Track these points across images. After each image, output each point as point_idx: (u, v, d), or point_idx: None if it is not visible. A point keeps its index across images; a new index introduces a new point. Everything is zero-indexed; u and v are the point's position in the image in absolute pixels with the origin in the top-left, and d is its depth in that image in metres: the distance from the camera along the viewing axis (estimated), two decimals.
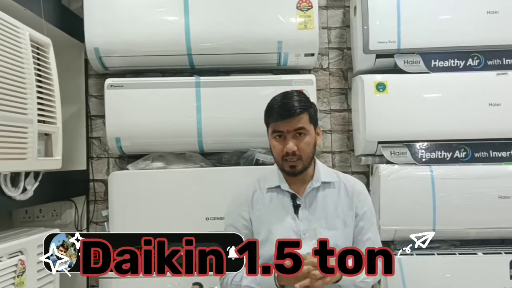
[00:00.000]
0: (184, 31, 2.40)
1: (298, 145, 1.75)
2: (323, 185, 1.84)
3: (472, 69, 2.50)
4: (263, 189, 1.87)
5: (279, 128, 1.75)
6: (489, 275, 2.36)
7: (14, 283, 1.66)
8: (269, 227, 1.80)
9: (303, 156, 1.76)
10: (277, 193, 1.85)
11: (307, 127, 1.76)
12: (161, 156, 2.48)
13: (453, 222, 2.39)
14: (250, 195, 1.88)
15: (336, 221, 1.81)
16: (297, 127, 1.74)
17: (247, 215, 1.85)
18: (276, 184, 1.85)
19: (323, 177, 1.85)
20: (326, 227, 1.79)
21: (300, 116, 1.74)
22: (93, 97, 2.72)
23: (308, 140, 1.77)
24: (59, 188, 2.36)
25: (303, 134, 1.75)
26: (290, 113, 1.73)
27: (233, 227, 1.85)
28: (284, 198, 1.84)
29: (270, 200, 1.85)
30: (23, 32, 1.85)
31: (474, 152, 2.45)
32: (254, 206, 1.85)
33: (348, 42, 2.78)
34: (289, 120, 1.73)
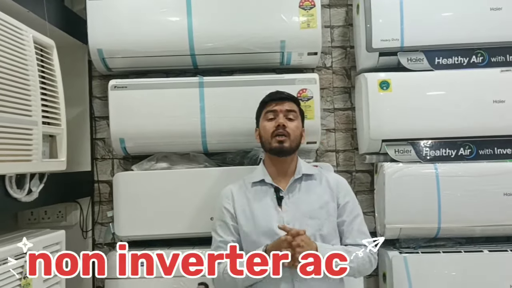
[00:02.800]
0: (187, 31, 2.41)
1: (288, 124, 1.92)
2: (305, 177, 1.97)
3: (476, 66, 2.49)
4: (248, 184, 1.99)
5: (273, 107, 1.97)
6: (495, 273, 2.35)
7: (21, 284, 1.67)
8: (254, 219, 1.90)
9: (291, 135, 1.91)
10: (261, 186, 1.96)
11: (297, 114, 1.98)
12: (165, 156, 2.48)
13: (458, 219, 2.38)
14: (235, 190, 2.00)
15: (319, 211, 1.89)
16: (289, 109, 1.96)
17: (232, 209, 1.95)
18: (260, 178, 1.97)
19: (304, 169, 1.97)
20: (309, 216, 1.87)
21: (291, 102, 1.99)
22: (97, 98, 2.73)
23: (297, 124, 1.96)
24: (64, 189, 2.37)
25: (293, 118, 1.95)
26: (283, 96, 1.99)
27: (221, 220, 1.96)
28: (268, 191, 1.94)
29: (255, 193, 1.96)
30: (26, 34, 1.85)
31: (478, 150, 2.44)
32: (238, 200, 1.96)
33: (351, 40, 2.78)
34: (282, 102, 1.97)
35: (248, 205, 1.93)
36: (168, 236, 2.40)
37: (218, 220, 1.97)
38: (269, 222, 1.86)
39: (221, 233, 1.93)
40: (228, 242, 1.90)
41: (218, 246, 1.92)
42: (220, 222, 1.96)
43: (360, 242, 1.88)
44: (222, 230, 1.94)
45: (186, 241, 2.44)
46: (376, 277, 2.57)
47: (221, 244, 1.91)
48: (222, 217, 1.96)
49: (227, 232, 1.93)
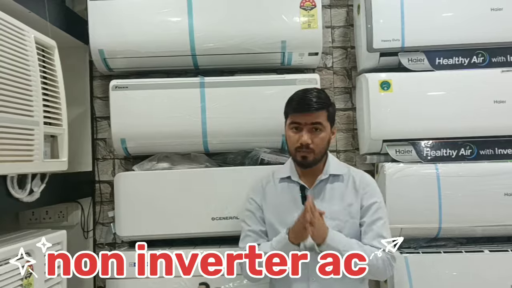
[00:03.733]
0: (188, 31, 2.41)
1: (313, 139, 1.84)
2: (332, 177, 1.93)
3: (477, 67, 2.49)
4: (276, 179, 1.99)
5: (297, 120, 1.85)
6: (496, 273, 2.35)
7: (22, 285, 1.67)
8: (277, 215, 1.92)
9: (315, 150, 1.85)
10: (288, 184, 1.96)
11: (324, 124, 1.86)
12: (166, 156, 2.48)
13: (459, 219, 2.38)
14: (264, 184, 2.01)
15: (342, 212, 1.88)
16: (314, 121, 1.84)
17: (260, 202, 1.98)
18: (287, 174, 1.96)
19: (332, 170, 1.93)
20: (331, 217, 1.85)
21: (318, 112, 1.85)
22: (98, 98, 2.73)
23: (323, 136, 1.86)
24: (65, 189, 2.37)
25: (319, 129, 1.85)
26: (309, 107, 1.83)
27: (248, 211, 2.00)
28: (294, 189, 1.94)
29: (281, 190, 1.96)
30: (28, 35, 1.86)
31: (479, 150, 2.44)
32: (266, 195, 1.98)
33: (352, 41, 2.78)
34: (308, 114, 1.84)
35: (274, 200, 1.96)
36: (169, 236, 2.40)
37: (247, 211, 2.01)
38: (291, 220, 1.83)
39: (249, 223, 1.97)
40: (256, 231, 1.95)
41: (246, 235, 1.97)
42: (248, 212, 2.00)
43: (376, 245, 1.83)
44: (250, 220, 1.98)
45: (187, 241, 2.44)
46: None
47: (249, 233, 1.96)
48: (251, 208, 2.00)
49: (255, 221, 1.97)
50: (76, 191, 2.57)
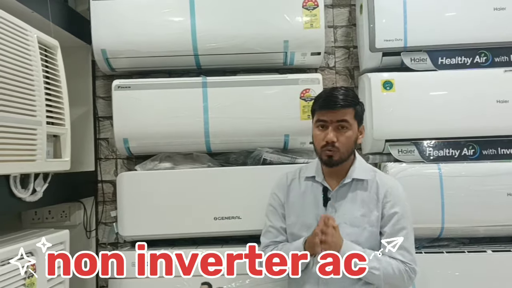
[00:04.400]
0: (190, 31, 2.41)
1: (338, 137, 1.81)
2: (355, 182, 1.89)
3: (480, 66, 2.49)
4: (302, 177, 1.97)
5: (323, 117, 1.82)
6: (499, 273, 2.34)
7: (25, 284, 1.67)
8: (298, 213, 1.91)
9: (341, 148, 1.81)
10: (312, 183, 1.94)
11: (351, 121, 1.82)
12: (169, 156, 2.48)
13: (461, 220, 2.38)
14: (289, 181, 1.99)
15: (361, 219, 1.85)
16: (340, 119, 1.81)
17: (283, 198, 1.97)
18: (312, 174, 1.94)
19: (356, 174, 1.89)
20: (350, 224, 1.83)
21: (345, 110, 1.81)
22: (101, 98, 2.73)
23: (349, 134, 1.82)
24: (68, 189, 2.37)
25: (345, 127, 1.82)
26: (335, 104, 1.80)
27: (271, 206, 2.00)
28: (317, 189, 1.92)
29: (305, 189, 1.95)
30: (31, 35, 1.86)
31: (482, 150, 2.44)
32: (290, 192, 1.97)
33: (355, 40, 2.78)
34: (334, 111, 1.80)
35: (297, 198, 1.95)
36: (171, 236, 2.40)
37: (270, 206, 2.01)
38: (310, 220, 1.85)
39: (271, 219, 1.98)
40: (277, 228, 1.95)
41: (267, 231, 1.98)
42: (271, 207, 2.00)
43: (396, 256, 1.79)
44: (272, 215, 1.98)
45: (189, 241, 2.44)
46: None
47: (270, 229, 1.97)
48: (274, 203, 2.00)
49: (276, 218, 1.97)
50: (79, 191, 2.58)
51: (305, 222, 1.87)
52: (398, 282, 1.79)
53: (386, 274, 1.76)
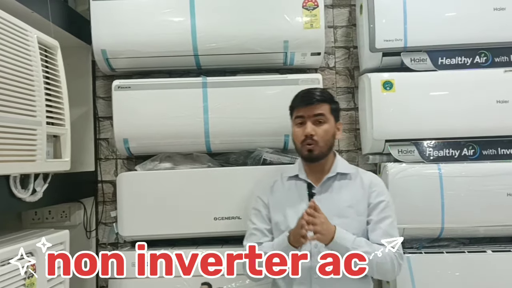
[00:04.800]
0: (190, 31, 2.41)
1: (316, 130, 1.88)
2: (340, 176, 1.95)
3: (480, 66, 2.49)
4: (284, 178, 2.01)
5: (300, 113, 1.91)
6: (499, 273, 2.35)
7: (25, 284, 1.67)
8: (284, 212, 1.93)
9: (320, 142, 1.88)
10: (295, 181, 1.98)
11: (327, 116, 1.91)
12: (169, 156, 2.48)
13: (461, 220, 2.38)
14: (271, 182, 2.03)
15: (349, 210, 1.89)
16: (316, 113, 1.89)
17: (266, 200, 1.99)
18: (295, 173, 1.99)
19: (340, 168, 1.96)
20: (338, 215, 1.86)
21: (321, 104, 1.91)
22: (101, 98, 2.73)
23: (326, 127, 1.90)
24: (68, 189, 2.37)
25: (322, 121, 1.89)
26: (311, 99, 1.91)
27: (255, 209, 2.01)
28: (301, 187, 1.94)
29: (289, 188, 1.98)
30: (31, 35, 1.86)
31: (482, 150, 2.44)
32: (273, 193, 2.00)
33: (355, 40, 2.78)
34: (310, 106, 1.90)
35: (281, 198, 1.97)
36: (171, 236, 2.40)
37: (254, 209, 2.02)
38: (298, 217, 1.84)
39: (255, 221, 1.99)
40: (261, 229, 1.96)
41: (251, 234, 1.98)
42: (254, 211, 2.02)
43: (383, 243, 1.83)
44: (256, 218, 2.00)
45: (189, 241, 2.44)
46: None
47: (254, 231, 1.97)
48: (257, 206, 2.01)
49: (261, 220, 1.98)
50: (79, 191, 2.58)
51: (292, 220, 1.86)
52: (386, 268, 1.82)
53: (377, 261, 1.79)
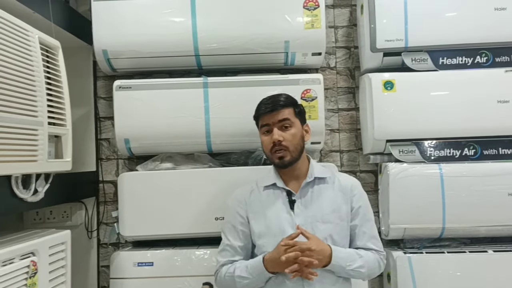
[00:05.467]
0: (191, 32, 2.41)
1: (284, 136, 1.86)
2: (318, 180, 1.93)
3: (480, 66, 2.49)
4: (260, 188, 1.96)
5: (265, 121, 1.91)
6: (500, 273, 2.35)
7: (27, 284, 1.67)
8: (266, 222, 1.89)
9: (290, 147, 1.86)
10: (273, 190, 1.94)
11: (292, 119, 1.90)
12: (170, 156, 2.48)
13: (462, 220, 2.38)
14: (247, 193, 1.98)
15: (331, 215, 1.87)
16: (281, 118, 1.88)
17: (244, 213, 1.94)
18: (272, 181, 1.94)
19: (316, 173, 1.93)
20: (321, 220, 1.85)
21: (284, 110, 1.90)
22: (102, 98, 2.74)
23: (293, 131, 1.89)
24: (69, 189, 2.38)
25: (288, 126, 1.88)
26: (274, 106, 1.90)
27: (230, 224, 1.96)
28: (280, 195, 1.92)
29: (267, 197, 1.93)
30: (32, 35, 1.86)
31: (483, 150, 2.44)
32: (251, 204, 1.94)
33: (355, 40, 2.78)
34: (274, 113, 1.89)
35: (261, 208, 1.91)
36: (172, 236, 2.40)
37: (228, 223, 1.96)
38: (282, 225, 1.84)
39: (229, 237, 1.93)
40: (234, 247, 1.91)
41: (224, 249, 1.94)
42: (229, 225, 1.95)
43: (370, 246, 1.87)
44: (230, 234, 1.94)
45: (190, 241, 2.44)
46: (380, 277, 2.56)
47: (227, 248, 1.93)
48: (233, 221, 1.95)
49: (235, 237, 1.92)
50: (80, 191, 2.58)
51: (274, 230, 1.85)
52: (375, 271, 1.89)
53: (369, 268, 1.84)
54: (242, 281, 1.83)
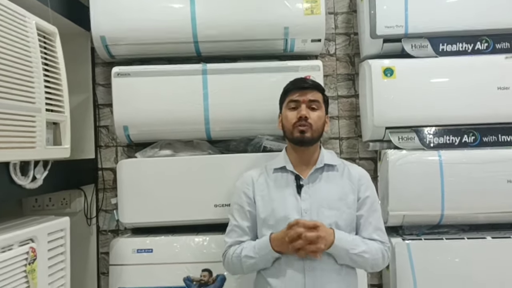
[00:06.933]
0: (190, 18, 2.39)
1: (310, 114, 1.88)
2: (327, 167, 1.94)
3: (481, 53, 2.47)
4: (269, 170, 1.98)
5: (295, 97, 1.92)
6: (498, 260, 2.36)
7: (26, 271, 1.68)
8: (273, 205, 1.89)
9: (313, 125, 1.88)
10: (282, 174, 1.95)
11: (321, 103, 1.93)
12: (169, 144, 2.48)
13: (461, 206, 2.38)
14: (256, 176, 1.99)
15: (338, 202, 1.88)
16: (312, 99, 1.91)
17: (251, 194, 1.95)
18: (282, 164, 1.95)
19: (327, 160, 1.94)
20: (328, 207, 1.86)
21: (315, 92, 1.93)
22: (100, 85, 2.73)
23: (320, 114, 1.91)
24: (68, 176, 2.37)
25: (316, 108, 1.90)
26: (307, 85, 1.94)
27: (238, 205, 1.97)
28: (289, 178, 1.93)
29: (275, 180, 1.95)
30: (29, 21, 1.85)
31: (482, 137, 2.43)
32: (259, 186, 1.95)
33: (355, 27, 2.76)
34: (306, 91, 1.91)
35: (268, 191, 1.93)
36: (171, 223, 2.41)
37: (236, 204, 1.98)
38: (287, 209, 1.85)
39: (237, 217, 1.95)
40: (242, 227, 1.93)
41: (232, 230, 1.95)
42: (237, 206, 1.97)
43: (375, 237, 1.87)
44: (238, 214, 1.95)
45: (189, 228, 2.45)
46: None
47: (236, 228, 1.94)
48: (240, 201, 1.96)
49: (242, 217, 1.94)
50: (79, 178, 2.58)
51: (279, 213, 1.86)
52: (379, 262, 1.87)
53: (373, 256, 1.83)
54: (248, 261, 1.84)
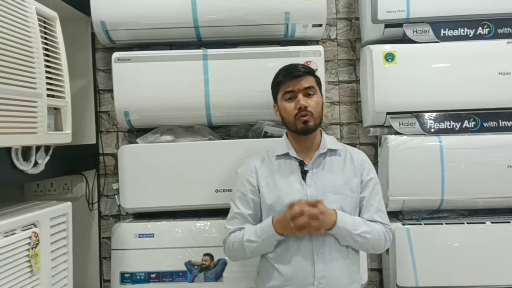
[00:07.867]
0: (191, 3, 2.38)
1: (309, 102, 1.87)
2: (330, 152, 1.94)
3: (482, 38, 2.46)
4: (272, 157, 1.97)
5: (290, 87, 1.89)
6: (498, 244, 2.37)
7: (29, 255, 1.69)
8: (278, 192, 1.89)
9: (314, 113, 1.87)
10: (285, 160, 1.95)
11: (316, 87, 1.91)
12: (170, 129, 2.48)
13: (461, 192, 2.39)
14: (258, 163, 1.98)
15: (343, 187, 1.89)
16: (307, 86, 1.88)
17: (254, 181, 1.94)
18: (285, 151, 1.95)
19: (329, 144, 1.95)
20: (333, 191, 1.86)
21: (308, 77, 1.90)
22: (101, 71, 2.72)
23: (317, 99, 1.90)
24: (69, 162, 2.38)
25: (312, 94, 1.89)
26: (299, 72, 1.90)
27: (241, 192, 1.96)
28: (292, 165, 1.93)
29: (279, 166, 1.94)
30: (29, 6, 1.84)
31: (483, 122, 2.43)
32: (262, 173, 1.95)
33: (357, 12, 2.75)
34: (299, 79, 1.88)
35: (272, 178, 1.92)
36: (173, 208, 2.42)
37: (238, 192, 1.97)
38: (293, 195, 1.85)
39: (239, 205, 1.94)
40: (244, 215, 1.92)
41: (233, 217, 1.95)
42: (239, 193, 1.96)
43: (376, 219, 1.88)
44: (240, 202, 1.94)
45: (191, 213, 2.46)
46: None
47: (237, 216, 1.93)
48: (243, 189, 1.95)
49: (245, 205, 1.93)
50: (80, 163, 2.58)
51: (285, 199, 1.85)
52: (381, 244, 1.88)
53: (374, 237, 1.84)
54: (250, 245, 1.85)
